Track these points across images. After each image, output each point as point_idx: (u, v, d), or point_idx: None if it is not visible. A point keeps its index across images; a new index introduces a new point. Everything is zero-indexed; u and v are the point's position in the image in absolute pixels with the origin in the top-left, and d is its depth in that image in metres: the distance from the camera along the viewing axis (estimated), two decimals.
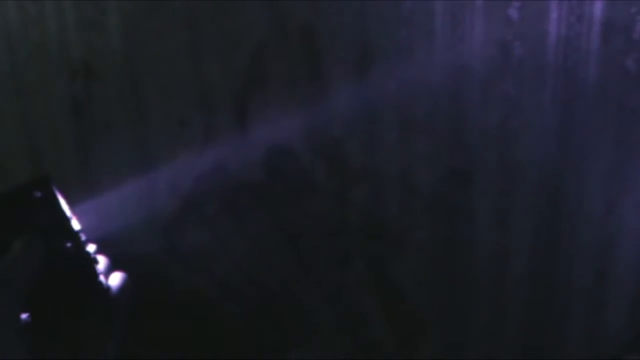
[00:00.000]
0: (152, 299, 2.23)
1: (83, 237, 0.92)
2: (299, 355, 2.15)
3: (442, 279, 1.91)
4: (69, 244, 0.90)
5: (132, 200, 2.17)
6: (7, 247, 0.84)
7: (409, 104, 1.80)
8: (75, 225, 0.92)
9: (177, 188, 2.11)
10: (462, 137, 1.78)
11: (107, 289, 0.92)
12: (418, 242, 1.90)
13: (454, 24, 1.72)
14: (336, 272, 2.01)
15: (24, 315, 0.82)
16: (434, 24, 1.73)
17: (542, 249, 1.79)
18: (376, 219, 1.91)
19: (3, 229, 0.87)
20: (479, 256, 1.85)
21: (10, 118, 2.34)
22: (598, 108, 1.66)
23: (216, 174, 2.04)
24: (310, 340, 2.12)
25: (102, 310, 0.90)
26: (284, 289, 2.09)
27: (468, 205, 1.82)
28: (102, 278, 0.92)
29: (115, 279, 0.94)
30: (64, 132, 2.24)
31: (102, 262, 0.94)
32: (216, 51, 1.94)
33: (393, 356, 2.04)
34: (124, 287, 0.94)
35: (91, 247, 0.93)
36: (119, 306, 0.92)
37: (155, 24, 2.00)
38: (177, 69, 2.01)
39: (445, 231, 1.86)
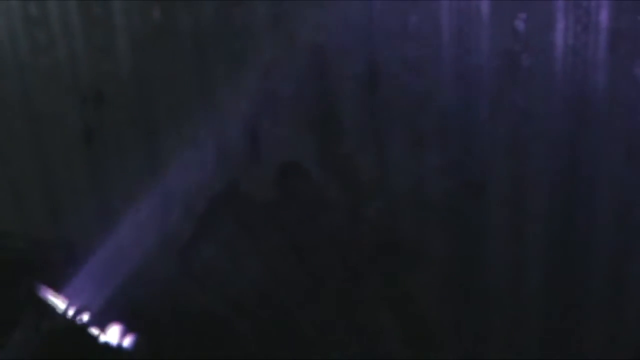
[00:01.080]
0: (167, 318, 2.24)
1: (71, 310, 1.00)
2: None
3: (457, 292, 1.91)
4: (58, 321, 0.97)
5: (146, 222, 2.18)
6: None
7: (418, 118, 1.81)
8: (61, 303, 1.00)
9: (190, 209, 2.12)
10: (473, 149, 1.78)
11: (117, 347, 0.98)
12: (432, 256, 1.89)
13: (461, 38, 1.73)
14: (351, 287, 2.01)
15: None
16: (441, 38, 1.74)
17: (557, 260, 1.78)
18: (389, 233, 1.91)
19: None
20: (493, 268, 1.84)
21: (22, 145, 2.36)
22: (608, 116, 1.66)
23: (229, 194, 2.05)
24: (326, 355, 2.12)
25: None
26: (299, 305, 2.09)
27: (481, 217, 1.81)
28: (105, 338, 0.98)
29: (128, 339, 1.01)
30: (76, 157, 2.25)
31: (115, 329, 1.02)
32: (226, 72, 1.95)
33: None
34: (137, 344, 1.01)
35: (85, 316, 1.01)
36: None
37: (164, 47, 2.02)
38: (187, 92, 2.02)
39: (459, 244, 1.86)
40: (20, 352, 0.95)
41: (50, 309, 1.03)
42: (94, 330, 1.03)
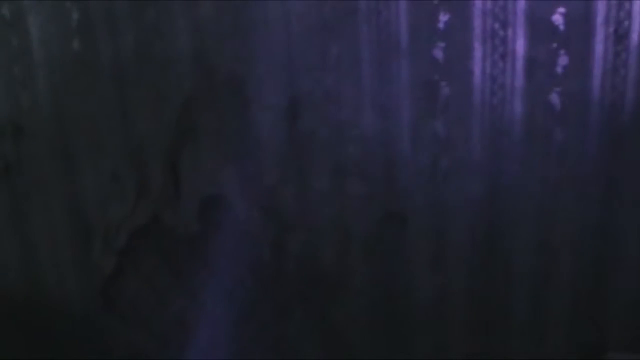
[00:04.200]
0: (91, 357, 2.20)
1: None
2: None
3: (382, 323, 1.90)
4: None
5: (66, 258, 2.13)
6: None
7: (340, 149, 1.81)
8: None
9: (112, 244, 2.08)
10: (394, 179, 1.78)
11: None
12: (356, 287, 1.89)
13: (381, 68, 1.73)
14: (276, 321, 1.99)
15: None
16: (361, 69, 1.75)
17: (479, 287, 1.80)
18: (313, 266, 1.90)
19: None
20: (417, 298, 1.85)
21: None
22: (525, 144, 1.68)
23: (151, 228, 2.02)
24: None
25: None
26: (224, 341, 2.06)
27: (404, 247, 1.82)
28: None
29: None
30: None
31: None
32: (145, 106, 1.93)
33: None
34: None
35: None
36: None
37: (84, 79, 1.98)
38: (107, 125, 1.99)
39: (383, 274, 1.86)
40: None
41: None
42: None
